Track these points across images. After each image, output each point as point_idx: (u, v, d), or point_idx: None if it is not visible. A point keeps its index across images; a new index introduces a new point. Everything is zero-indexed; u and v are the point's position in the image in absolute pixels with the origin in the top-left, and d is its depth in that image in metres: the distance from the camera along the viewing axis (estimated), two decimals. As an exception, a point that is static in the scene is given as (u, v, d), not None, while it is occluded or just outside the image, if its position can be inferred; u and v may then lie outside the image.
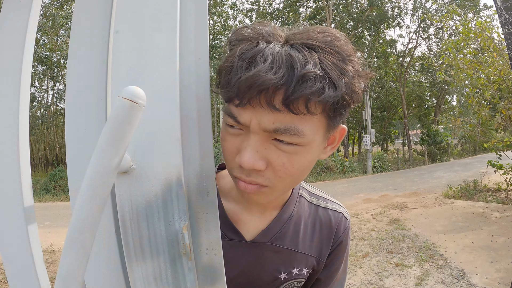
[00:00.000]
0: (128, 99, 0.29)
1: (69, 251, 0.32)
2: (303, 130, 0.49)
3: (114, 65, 0.39)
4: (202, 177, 0.41)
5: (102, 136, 0.30)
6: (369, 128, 15.77)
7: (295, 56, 0.45)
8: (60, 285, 0.33)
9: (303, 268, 0.71)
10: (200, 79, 0.42)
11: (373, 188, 10.54)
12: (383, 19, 18.47)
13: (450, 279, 3.80)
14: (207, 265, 0.42)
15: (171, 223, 0.37)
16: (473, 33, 6.60)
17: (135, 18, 0.40)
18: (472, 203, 7.27)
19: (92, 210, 0.31)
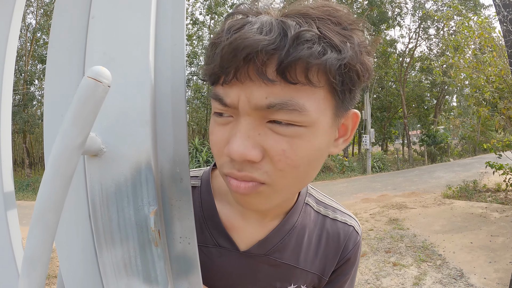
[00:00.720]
0: (93, 78, 0.29)
1: (34, 231, 0.32)
2: (304, 105, 0.40)
3: (88, 50, 0.39)
4: (175, 162, 0.40)
5: (67, 115, 0.30)
6: (369, 128, 15.77)
7: (288, 22, 0.39)
8: (26, 265, 0.33)
9: (301, 285, 0.63)
10: (176, 65, 0.42)
11: (372, 188, 10.53)
12: (383, 19, 18.46)
13: (448, 279, 3.79)
14: (181, 254, 0.42)
15: (140, 207, 0.37)
16: (473, 31, 6.59)
17: (110, 4, 0.40)
18: (471, 203, 7.26)
19: (56, 189, 0.30)
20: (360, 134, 20.08)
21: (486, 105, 6.67)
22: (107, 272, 0.39)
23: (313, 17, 0.40)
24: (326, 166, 15.15)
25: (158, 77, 0.40)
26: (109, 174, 0.37)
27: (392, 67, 21.50)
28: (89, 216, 0.43)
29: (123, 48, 0.39)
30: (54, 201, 0.31)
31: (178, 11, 0.44)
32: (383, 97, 23.48)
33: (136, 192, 0.37)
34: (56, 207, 0.31)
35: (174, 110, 0.40)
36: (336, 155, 16.46)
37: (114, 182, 0.37)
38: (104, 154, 0.37)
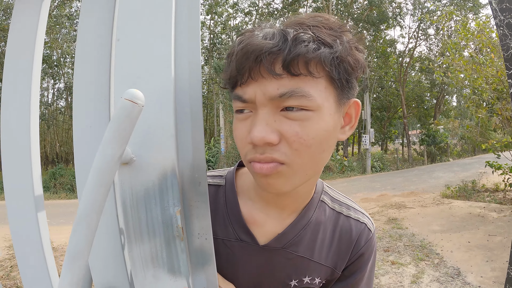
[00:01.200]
0: (129, 100, 0.34)
1: (77, 231, 0.37)
2: (309, 91, 0.48)
3: (116, 70, 0.44)
4: (194, 169, 0.46)
5: (107, 131, 0.35)
6: (369, 128, 15.83)
7: (287, 30, 0.49)
8: (69, 261, 0.39)
9: (315, 277, 0.67)
10: (192, 81, 0.47)
11: (371, 187, 10.60)
12: (383, 19, 18.51)
13: (445, 278, 3.85)
14: (199, 248, 0.48)
15: (166, 208, 0.43)
16: (471, 34, 6.65)
17: (134, 28, 0.45)
18: (470, 203, 7.32)
19: (98, 195, 0.36)
20: (359, 134, 20.13)
21: (484, 106, 6.73)
22: (136, 264, 0.45)
23: (308, 25, 0.50)
24: (326, 166, 15.22)
25: (178, 93, 0.46)
26: (139, 180, 0.43)
27: (392, 67, 21.55)
28: (116, 216, 0.49)
29: (147, 68, 0.45)
30: (97, 204, 0.36)
31: (193, 31, 0.49)
32: (383, 97, 23.55)
33: (162, 195, 0.43)
34: (98, 210, 0.36)
35: (193, 123, 0.46)
36: (335, 155, 16.53)
37: (143, 186, 0.43)
38: (134, 163, 0.43)
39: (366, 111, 15.96)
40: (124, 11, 0.46)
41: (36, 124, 0.61)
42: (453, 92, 20.66)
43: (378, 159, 16.61)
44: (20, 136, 0.58)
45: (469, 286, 3.59)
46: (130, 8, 0.46)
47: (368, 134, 15.62)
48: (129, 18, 0.46)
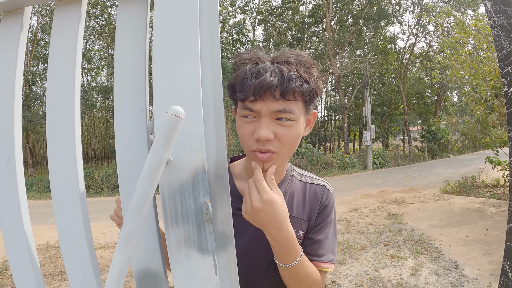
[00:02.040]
0: (173, 114, 0.44)
1: (132, 216, 0.48)
2: (294, 110, 0.77)
3: (155, 87, 0.54)
4: (218, 166, 0.56)
5: (156, 139, 0.45)
6: (369, 125, 15.91)
7: (283, 68, 0.76)
8: (123, 240, 0.49)
9: (299, 230, 0.93)
10: (216, 95, 0.57)
11: (372, 183, 10.71)
12: (383, 15, 18.53)
13: (443, 270, 3.96)
14: (222, 232, 0.58)
15: (198, 198, 0.53)
16: (468, 33, 6.72)
17: (167, 51, 0.55)
18: (469, 199, 7.42)
19: (149, 189, 0.46)
20: (360, 130, 20.16)
21: (483, 103, 6.82)
22: (171, 245, 0.55)
23: (291, 62, 0.78)
24: (327, 163, 15.33)
25: (204, 105, 0.56)
26: (175, 176, 0.53)
27: (392, 63, 21.59)
28: (153, 205, 0.59)
29: (180, 85, 0.55)
30: (147, 196, 0.47)
31: (215, 50, 0.59)
32: (384, 94, 23.59)
33: (195, 188, 0.53)
34: (148, 200, 0.47)
35: (216, 129, 0.56)
36: (337, 152, 16.62)
37: (178, 181, 0.53)
38: (171, 163, 0.53)
39: (367, 108, 16.02)
40: (159, 38, 0.56)
41: (78, 124, 0.71)
42: (453, 88, 20.71)
43: (379, 156, 16.70)
44: (65, 136, 0.68)
45: (466, 279, 3.69)
46: (162, 33, 0.56)
47: (369, 130, 15.70)
48: (163, 43, 0.56)
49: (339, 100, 20.27)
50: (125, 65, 0.62)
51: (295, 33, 22.26)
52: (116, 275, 0.50)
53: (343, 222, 6.29)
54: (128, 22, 0.63)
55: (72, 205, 0.68)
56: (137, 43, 0.62)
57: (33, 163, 18.06)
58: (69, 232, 0.69)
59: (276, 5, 21.09)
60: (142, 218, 0.48)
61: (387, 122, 24.78)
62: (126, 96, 0.61)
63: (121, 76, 0.62)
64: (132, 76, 0.61)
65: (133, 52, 0.62)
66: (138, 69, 0.61)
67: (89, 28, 18.95)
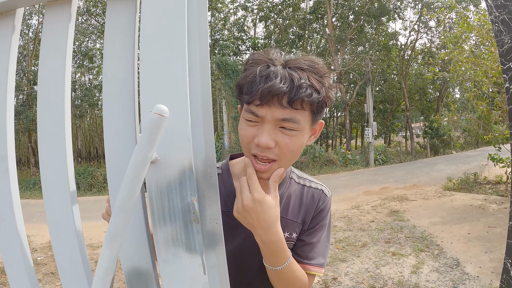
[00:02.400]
0: (157, 113, 0.44)
1: (117, 215, 0.47)
2: (300, 119, 0.73)
3: (142, 86, 0.54)
4: (207, 165, 0.56)
5: (141, 138, 0.45)
6: (371, 121, 15.87)
7: (294, 74, 0.72)
8: (109, 238, 0.49)
9: (292, 232, 0.92)
10: (204, 93, 0.57)
11: (374, 180, 10.70)
12: (384, 12, 18.43)
13: (444, 268, 3.95)
14: (210, 231, 0.58)
15: (185, 197, 0.53)
16: (471, 28, 6.67)
17: (154, 50, 0.55)
18: (472, 196, 7.39)
19: (133, 187, 0.46)
20: (363, 127, 20.10)
21: (485, 99, 6.77)
22: (159, 244, 0.55)
23: (304, 69, 0.74)
24: (329, 160, 15.31)
25: (192, 103, 0.56)
26: (162, 175, 0.53)
27: (394, 60, 21.49)
28: (142, 205, 0.59)
29: (167, 84, 0.54)
30: (132, 194, 0.46)
31: (203, 49, 0.59)
32: (386, 90, 23.51)
33: (182, 187, 0.53)
34: (133, 199, 0.46)
35: (204, 127, 0.56)
36: (339, 149, 16.60)
37: (166, 180, 0.53)
38: (158, 161, 0.53)
39: (369, 104, 15.98)
40: (145, 35, 0.56)
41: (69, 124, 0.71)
42: (455, 85, 20.59)
43: (381, 152, 16.66)
44: (55, 135, 0.67)
45: (468, 276, 3.68)
46: (149, 32, 0.56)
47: (371, 127, 15.66)
48: (149, 41, 0.55)
49: (341, 97, 20.22)
50: (114, 65, 0.62)
51: (296, 30, 22.19)
52: (103, 274, 0.50)
53: (344, 219, 6.29)
54: (117, 22, 0.62)
55: (63, 205, 0.68)
56: (126, 42, 0.62)
57: (36, 162, 18.12)
58: (60, 231, 0.69)
59: (277, 2, 21.01)
60: (127, 216, 0.48)
61: (389, 119, 24.72)
62: (115, 96, 0.61)
63: (110, 76, 0.62)
64: (121, 76, 0.61)
65: (121, 51, 0.62)
66: (127, 69, 0.61)
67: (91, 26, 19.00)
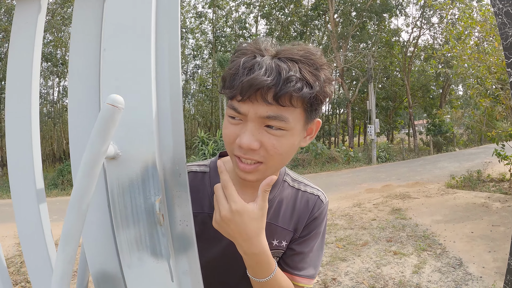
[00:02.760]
0: (110, 104, 0.39)
1: (70, 215, 0.43)
2: (288, 118, 0.64)
3: (102, 76, 0.49)
4: (175, 162, 0.51)
5: (93, 131, 0.41)
6: (374, 119, 15.77)
7: (282, 66, 0.62)
8: (63, 241, 0.44)
9: (282, 240, 0.85)
10: (173, 82, 0.52)
11: (376, 178, 10.62)
12: (386, 8, 18.28)
13: (447, 268, 3.89)
14: (181, 234, 0.53)
15: (148, 197, 0.48)
16: (475, 23, 6.57)
17: (118, 38, 0.50)
18: (475, 193, 7.32)
19: (86, 185, 0.41)
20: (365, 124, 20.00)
21: (488, 96, 6.67)
22: (123, 248, 0.50)
23: (296, 60, 0.64)
24: (331, 157, 15.24)
25: (159, 94, 0.51)
26: (124, 172, 0.48)
27: (397, 56, 21.34)
28: (108, 204, 0.54)
29: (130, 74, 0.50)
30: (85, 192, 0.42)
31: (173, 37, 0.54)
32: (388, 87, 23.37)
33: (144, 185, 0.48)
34: (86, 198, 0.42)
35: (173, 120, 0.51)
36: (341, 146, 16.52)
37: (128, 178, 0.48)
38: (120, 157, 0.48)
39: (371, 101, 15.87)
40: (109, 23, 0.51)
41: (37, 122, 0.67)
42: (457, 81, 20.41)
43: (383, 150, 16.57)
44: (23, 134, 0.63)
45: (471, 277, 3.61)
46: (114, 20, 0.51)
47: (373, 124, 15.56)
48: (113, 30, 0.51)
49: (343, 94, 20.11)
50: (80, 58, 0.57)
51: (298, 27, 22.07)
52: (59, 278, 0.45)
53: (345, 217, 6.23)
54: (84, 14, 0.58)
55: (30, 203, 0.64)
56: (92, 34, 0.57)
57: None
58: (28, 230, 0.65)
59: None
60: (81, 217, 0.44)
61: (392, 116, 24.58)
62: (80, 89, 0.56)
63: (75, 70, 0.57)
64: (86, 69, 0.56)
65: (87, 43, 0.57)
66: (93, 60, 0.56)
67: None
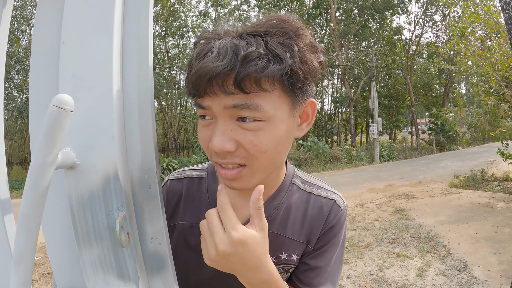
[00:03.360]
0: (56, 106, 0.33)
1: (19, 235, 0.37)
2: (261, 105, 0.51)
3: (60, 73, 0.43)
4: (144, 171, 0.45)
5: (38, 138, 0.34)
6: (376, 117, 15.65)
7: (239, 44, 0.50)
8: (15, 264, 0.38)
9: (291, 254, 0.72)
10: (141, 80, 0.46)
11: (379, 177, 10.52)
12: (388, 5, 18.13)
13: (451, 271, 3.79)
14: (153, 253, 0.47)
15: (111, 212, 0.42)
16: (479, 19, 6.46)
17: (77, 30, 0.44)
18: (479, 193, 7.21)
19: (35, 199, 0.35)
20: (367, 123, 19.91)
21: (493, 94, 6.57)
22: (87, 269, 0.44)
23: (260, 33, 0.51)
24: (334, 156, 15.14)
25: (125, 93, 0.45)
26: (83, 184, 0.42)
27: (399, 54, 21.19)
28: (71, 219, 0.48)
29: (90, 70, 0.44)
30: (34, 209, 0.36)
31: (143, 28, 0.48)
32: (391, 85, 23.23)
33: (106, 199, 0.42)
34: (36, 215, 0.36)
35: (141, 123, 0.45)
36: (343, 145, 16.42)
37: (87, 190, 0.42)
38: (78, 166, 0.42)
39: (373, 100, 15.75)
40: (69, 14, 0.45)
41: (1, 128, 0.61)
42: (460, 80, 20.25)
43: (386, 148, 16.44)
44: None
45: (476, 280, 3.52)
46: (74, 11, 0.45)
47: (375, 123, 15.45)
48: (72, 20, 0.45)
49: (345, 93, 19.99)
50: (40, 52, 0.51)
51: (300, 26, 21.92)
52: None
53: (348, 218, 6.13)
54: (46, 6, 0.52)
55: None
56: (54, 25, 0.51)
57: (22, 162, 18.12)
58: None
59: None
60: (33, 236, 0.37)
61: (394, 115, 24.43)
62: (41, 87, 0.50)
63: (36, 64, 0.51)
64: (46, 64, 0.50)
65: (49, 39, 0.51)
66: (51, 54, 0.50)
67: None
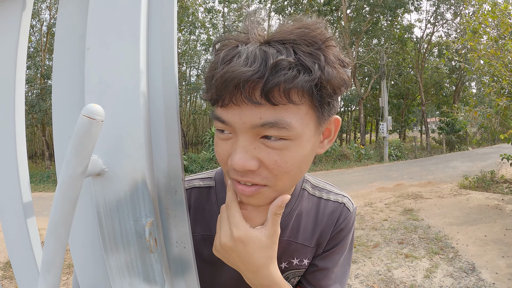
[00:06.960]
0: (87, 116, 0.33)
1: (49, 242, 0.38)
2: (291, 123, 0.48)
3: (86, 79, 0.44)
4: (170, 177, 0.45)
5: (68, 149, 0.35)
6: (386, 116, 15.52)
7: (268, 51, 0.46)
8: (44, 270, 0.39)
9: (303, 259, 0.74)
10: (167, 86, 0.46)
11: (388, 176, 10.44)
12: (400, 3, 17.89)
13: (459, 273, 3.76)
14: (178, 257, 0.48)
15: (139, 218, 0.42)
16: (495, 17, 6.33)
17: (103, 35, 0.44)
18: (488, 195, 7.11)
19: (65, 209, 0.36)
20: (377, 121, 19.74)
21: (505, 95, 6.44)
22: (113, 273, 0.45)
23: (290, 42, 0.48)
24: (343, 154, 15.07)
25: (151, 99, 0.45)
26: (111, 190, 0.43)
27: (410, 53, 20.94)
28: (98, 225, 0.49)
29: (117, 76, 0.44)
30: (64, 218, 0.36)
31: (167, 36, 0.48)
32: (401, 84, 23.00)
33: (134, 205, 0.43)
34: (66, 223, 0.36)
35: (167, 130, 0.45)
36: (353, 144, 16.33)
37: (115, 197, 0.43)
38: (106, 174, 0.42)
39: (383, 98, 15.62)
40: (94, 19, 0.45)
41: (23, 128, 0.61)
42: (472, 79, 19.92)
43: (395, 147, 16.30)
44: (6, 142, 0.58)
45: (483, 283, 3.49)
46: (99, 16, 0.45)
47: (385, 122, 15.32)
48: (98, 26, 0.45)
49: (355, 91, 19.83)
50: (63, 55, 0.51)
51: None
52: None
53: (357, 217, 6.13)
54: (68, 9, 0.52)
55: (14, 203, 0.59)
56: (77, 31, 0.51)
57: (50, 156, 18.40)
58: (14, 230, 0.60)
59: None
60: (62, 243, 0.38)
61: (404, 113, 24.20)
62: (65, 93, 0.50)
63: (59, 71, 0.51)
64: (70, 70, 0.50)
65: (72, 44, 0.51)
66: (75, 61, 0.50)
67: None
